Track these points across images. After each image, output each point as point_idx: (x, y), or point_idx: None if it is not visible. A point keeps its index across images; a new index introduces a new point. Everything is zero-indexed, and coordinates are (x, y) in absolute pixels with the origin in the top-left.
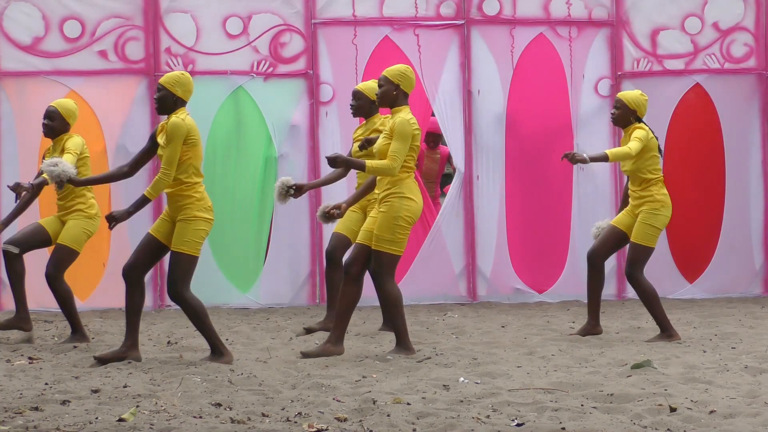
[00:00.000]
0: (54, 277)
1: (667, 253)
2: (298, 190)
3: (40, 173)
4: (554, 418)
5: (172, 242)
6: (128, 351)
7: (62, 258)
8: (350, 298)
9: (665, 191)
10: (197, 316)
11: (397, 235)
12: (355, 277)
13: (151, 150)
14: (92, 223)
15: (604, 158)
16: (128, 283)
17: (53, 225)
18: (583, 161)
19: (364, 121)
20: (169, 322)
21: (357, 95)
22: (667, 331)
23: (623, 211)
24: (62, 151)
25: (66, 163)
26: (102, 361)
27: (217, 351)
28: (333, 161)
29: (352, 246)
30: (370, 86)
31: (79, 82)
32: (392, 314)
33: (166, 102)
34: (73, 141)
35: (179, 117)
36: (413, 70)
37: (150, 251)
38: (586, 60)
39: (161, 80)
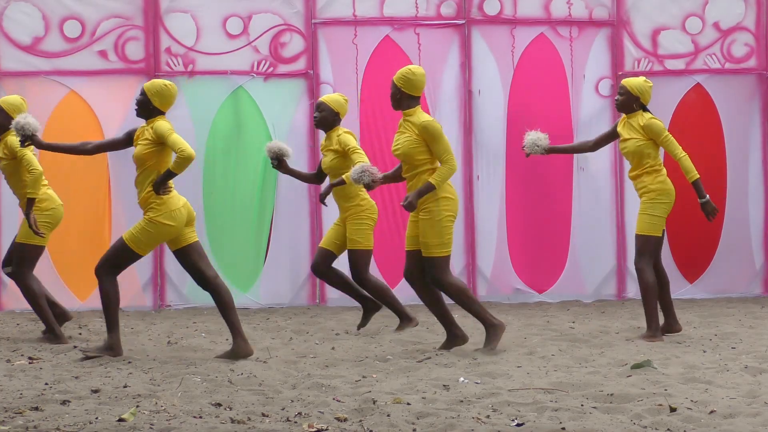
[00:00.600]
0: (15, 274)
1: (667, 253)
2: (279, 164)
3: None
4: (554, 418)
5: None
6: (240, 345)
7: (21, 256)
8: (430, 301)
9: (662, 178)
10: (107, 303)
11: (445, 237)
12: (421, 286)
13: (120, 144)
14: (49, 215)
15: (697, 183)
16: (207, 291)
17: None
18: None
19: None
20: (169, 322)
21: (320, 107)
22: (650, 330)
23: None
24: (5, 146)
25: (31, 118)
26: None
27: (111, 344)
28: (409, 206)
29: (406, 256)
30: (333, 98)
31: (79, 82)
32: (466, 305)
33: (143, 108)
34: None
35: (165, 122)
36: (422, 72)
37: (181, 261)
38: (586, 60)
39: (145, 85)
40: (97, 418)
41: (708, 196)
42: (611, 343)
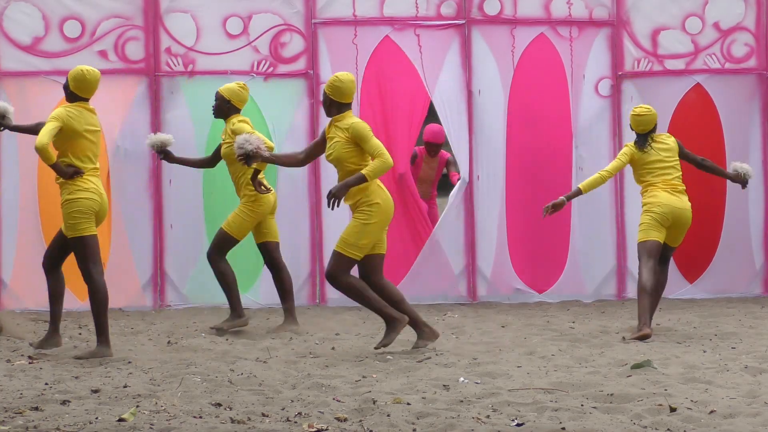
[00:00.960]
0: None
1: None
2: (166, 155)
3: None
4: (554, 418)
5: None
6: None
7: None
8: (387, 298)
9: (651, 193)
10: (97, 303)
11: (362, 241)
12: (377, 288)
13: None
14: None
15: (571, 195)
16: (45, 272)
17: None
18: None
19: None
20: (169, 322)
21: (215, 96)
22: (638, 325)
23: None
24: None
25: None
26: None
27: (104, 344)
28: (335, 193)
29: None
30: (228, 87)
31: None
32: (366, 303)
33: (64, 90)
34: None
35: (61, 108)
36: (349, 79)
37: (57, 242)
38: (586, 60)
39: (71, 70)
40: (97, 418)
41: (565, 200)
42: (611, 343)
